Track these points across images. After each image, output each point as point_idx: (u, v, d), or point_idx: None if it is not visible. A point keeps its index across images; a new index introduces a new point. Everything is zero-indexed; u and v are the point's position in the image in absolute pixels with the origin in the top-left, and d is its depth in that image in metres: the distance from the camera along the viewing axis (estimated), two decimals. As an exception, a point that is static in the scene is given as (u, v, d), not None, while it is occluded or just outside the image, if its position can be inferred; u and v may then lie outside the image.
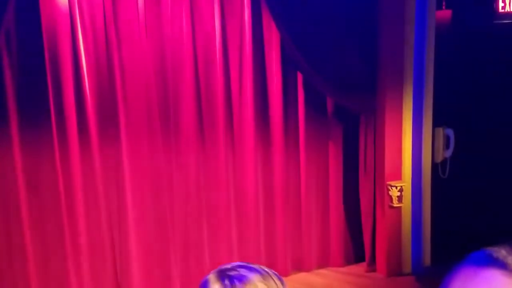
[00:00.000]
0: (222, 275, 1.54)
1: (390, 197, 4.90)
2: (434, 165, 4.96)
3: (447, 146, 4.96)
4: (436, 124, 4.87)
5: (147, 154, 4.55)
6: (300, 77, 4.71)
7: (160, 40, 4.47)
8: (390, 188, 4.88)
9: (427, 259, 5.00)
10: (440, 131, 4.94)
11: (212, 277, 1.55)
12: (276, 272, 1.59)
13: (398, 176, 4.91)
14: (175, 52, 4.50)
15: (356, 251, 5.09)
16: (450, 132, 4.94)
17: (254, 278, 1.53)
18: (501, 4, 4.67)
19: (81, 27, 4.29)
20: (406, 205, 4.95)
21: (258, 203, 4.79)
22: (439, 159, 4.96)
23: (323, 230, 5.00)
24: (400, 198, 4.91)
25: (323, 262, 5.05)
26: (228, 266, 1.58)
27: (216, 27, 4.51)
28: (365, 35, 4.60)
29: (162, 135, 4.57)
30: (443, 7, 4.72)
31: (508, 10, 4.72)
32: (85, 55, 4.34)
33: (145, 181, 4.58)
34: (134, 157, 4.53)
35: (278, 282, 1.55)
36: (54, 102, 4.31)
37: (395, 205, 4.90)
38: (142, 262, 4.54)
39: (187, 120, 4.60)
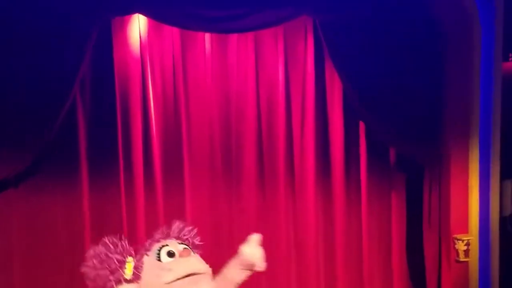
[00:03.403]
0: None
1: (457, 251, 4.74)
2: (502, 219, 4.79)
3: (516, 199, 4.79)
4: (504, 176, 4.73)
5: (208, 200, 4.64)
6: (362, 127, 4.71)
7: (225, 88, 4.62)
8: (456, 241, 4.73)
9: (496, 317, 4.77)
10: (508, 184, 4.79)
11: None
12: None
13: (464, 229, 4.77)
14: (239, 99, 4.63)
15: (421, 306, 4.92)
16: (519, 184, 4.79)
17: None
18: None
19: (151, 76, 4.50)
20: (473, 259, 4.78)
21: (318, 254, 4.74)
22: (507, 212, 4.79)
23: (386, 284, 4.86)
24: (467, 252, 4.75)
25: (386, 317, 4.90)
26: None
27: (279, 75, 4.62)
28: (430, 85, 4.57)
29: (224, 181, 4.65)
30: (510, 58, 4.67)
31: None
32: (153, 103, 4.53)
33: (206, 227, 4.63)
34: (196, 203, 4.62)
35: None
36: (123, 148, 4.49)
37: (461, 260, 4.74)
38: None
39: (248, 167, 4.68)
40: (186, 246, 3.07)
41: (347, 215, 4.75)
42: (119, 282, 2.91)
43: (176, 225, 3.17)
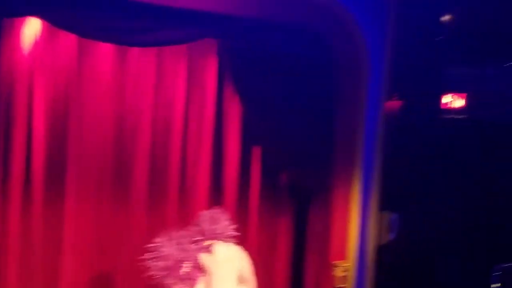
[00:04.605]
0: None
1: (335, 277, 4.94)
2: (378, 248, 5.08)
3: (391, 229, 5.12)
4: (382, 207, 5.04)
5: (92, 217, 4.48)
6: (257, 152, 4.79)
7: (120, 101, 4.51)
8: (335, 268, 4.93)
9: None
10: (386, 214, 5.11)
11: None
12: None
13: (343, 256, 4.98)
14: (134, 115, 4.54)
15: (299, 330, 5.04)
16: (395, 216, 5.12)
17: None
18: (446, 100, 5.06)
19: (40, 83, 4.26)
20: (350, 286, 4.99)
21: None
22: (383, 241, 5.10)
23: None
24: (344, 279, 4.95)
25: None
26: None
27: (179, 94, 4.59)
28: (322, 118, 4.78)
29: (112, 198, 4.52)
30: (394, 98, 5.02)
31: (452, 106, 5.12)
32: (41, 110, 4.31)
33: (87, 244, 4.46)
34: (80, 219, 4.44)
35: None
36: (3, 158, 4.20)
37: (339, 286, 4.93)
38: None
39: (138, 186, 4.58)
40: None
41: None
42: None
43: (208, 218, 3.63)
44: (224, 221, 3.68)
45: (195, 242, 3.58)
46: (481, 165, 5.05)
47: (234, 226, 3.71)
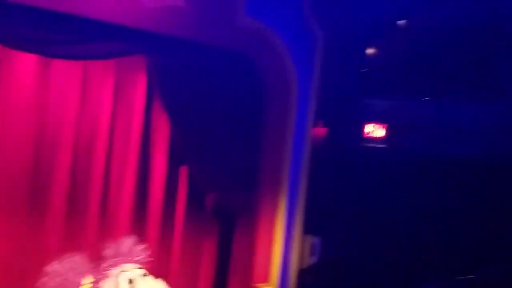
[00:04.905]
0: None
1: (257, 300, 4.94)
2: (300, 271, 5.14)
3: (313, 253, 5.20)
4: (305, 231, 5.12)
5: (2, 237, 4.24)
6: (184, 172, 4.75)
7: (41, 115, 4.34)
8: (257, 291, 4.94)
9: None
10: (308, 238, 5.19)
11: None
12: None
13: (266, 279, 5.00)
14: (56, 129, 4.38)
15: None
16: (317, 240, 5.22)
17: None
18: (368, 130, 5.27)
19: None
20: (272, 308, 5.01)
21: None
22: (305, 265, 5.17)
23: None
24: (266, 302, 4.96)
25: None
26: None
27: (105, 111, 4.50)
28: (250, 141, 4.79)
29: (25, 218, 4.32)
30: (320, 125, 5.16)
31: (373, 135, 5.33)
32: None
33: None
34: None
35: None
36: None
37: (261, 308, 4.94)
38: None
39: (56, 203, 4.40)
40: (145, 271, 3.24)
41: (156, 259, 4.66)
42: None
43: (126, 242, 3.30)
44: (129, 243, 3.37)
45: (98, 266, 3.31)
46: (400, 191, 5.26)
47: (142, 249, 3.38)
